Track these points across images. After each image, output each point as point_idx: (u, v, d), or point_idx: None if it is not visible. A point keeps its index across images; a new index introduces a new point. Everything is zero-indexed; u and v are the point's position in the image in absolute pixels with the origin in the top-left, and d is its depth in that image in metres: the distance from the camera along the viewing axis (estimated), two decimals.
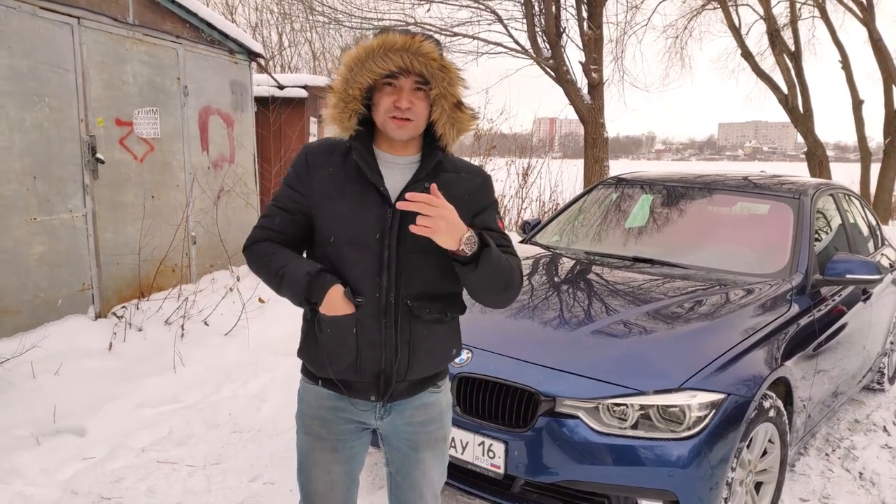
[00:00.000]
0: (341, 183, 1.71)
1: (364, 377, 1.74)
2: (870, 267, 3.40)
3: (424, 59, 1.61)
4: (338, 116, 1.68)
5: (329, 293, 1.66)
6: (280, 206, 1.77)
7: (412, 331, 1.73)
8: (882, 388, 4.71)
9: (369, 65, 1.62)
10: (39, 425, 3.52)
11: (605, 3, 11.17)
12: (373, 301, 1.69)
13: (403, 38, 1.60)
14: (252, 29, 13.34)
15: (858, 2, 14.99)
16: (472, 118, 1.73)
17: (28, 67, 4.34)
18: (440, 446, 1.90)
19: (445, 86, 1.65)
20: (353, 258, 1.69)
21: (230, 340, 4.97)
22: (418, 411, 1.82)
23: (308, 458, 1.86)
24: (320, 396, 1.81)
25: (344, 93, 1.66)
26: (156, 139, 5.51)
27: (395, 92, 1.65)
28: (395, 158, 1.74)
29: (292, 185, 1.77)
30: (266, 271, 1.73)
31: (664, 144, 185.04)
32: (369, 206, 1.69)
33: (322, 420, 1.81)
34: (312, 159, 1.75)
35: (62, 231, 4.63)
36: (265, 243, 1.77)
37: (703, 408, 2.45)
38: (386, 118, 1.66)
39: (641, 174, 4.77)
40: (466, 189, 1.76)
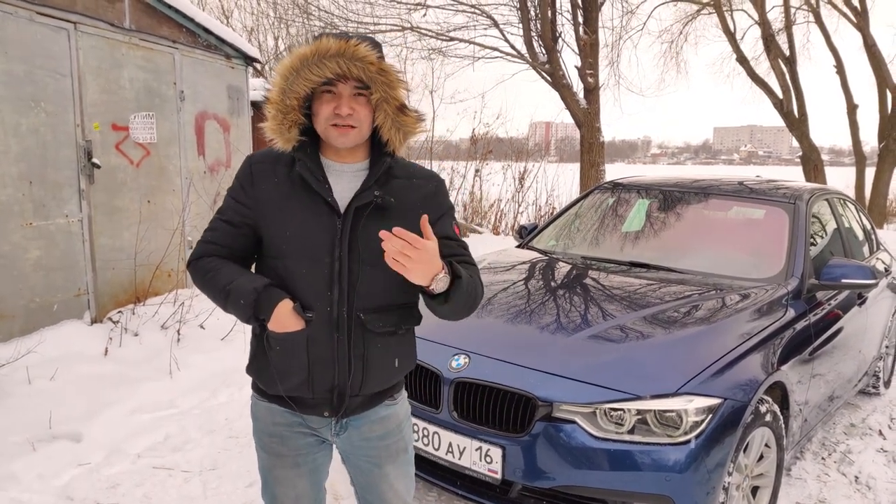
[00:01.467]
0: (287, 194, 1.65)
1: (317, 393, 1.68)
2: (865, 271, 3.41)
3: (362, 64, 1.56)
4: (277, 129, 1.62)
5: (277, 309, 1.60)
6: (225, 220, 1.71)
7: (366, 345, 1.67)
8: (877, 391, 4.73)
9: (304, 73, 1.56)
10: (35, 431, 3.51)
11: (601, 8, 11.23)
12: (324, 315, 1.63)
13: (338, 42, 1.55)
14: (248, 33, 13.35)
15: (853, 7, 15.09)
16: (418, 120, 1.67)
17: (24, 72, 4.33)
18: (402, 458, 1.85)
19: (386, 89, 1.60)
20: (301, 271, 1.63)
21: (226, 345, 4.96)
22: (375, 426, 1.78)
23: (270, 475, 1.82)
24: (273, 413, 1.75)
25: (281, 104, 1.60)
26: (152, 144, 5.50)
27: (334, 99, 1.60)
28: (343, 166, 1.68)
29: (237, 198, 1.70)
30: (211, 288, 1.67)
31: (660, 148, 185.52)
32: (317, 217, 1.63)
33: (279, 437, 1.76)
34: (257, 169, 1.69)
35: (58, 236, 4.62)
36: (210, 258, 1.70)
37: (699, 412, 2.45)
38: (327, 126, 1.61)
39: (637, 179, 4.79)
40: (420, 195, 1.72)
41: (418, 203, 1.70)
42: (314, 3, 11.41)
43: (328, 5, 11.36)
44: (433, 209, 1.72)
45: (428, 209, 1.68)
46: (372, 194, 1.63)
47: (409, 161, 1.80)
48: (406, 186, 1.71)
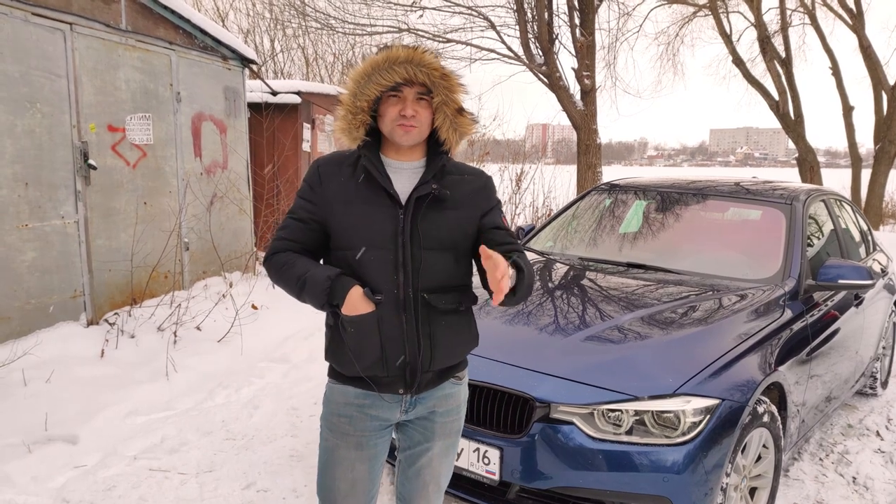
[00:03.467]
0: (353, 189, 1.81)
1: (391, 371, 1.81)
2: (862, 272, 3.42)
3: (427, 70, 1.74)
4: (346, 128, 1.79)
5: (350, 294, 1.75)
6: (296, 218, 1.87)
7: (431, 322, 1.82)
8: (875, 392, 4.73)
9: (376, 78, 1.73)
10: (31, 433, 3.49)
11: (598, 10, 11.23)
12: (391, 297, 1.78)
13: (407, 51, 1.73)
14: (244, 35, 13.33)
15: (848, 9, 15.12)
16: (473, 122, 1.84)
17: (20, 73, 4.32)
18: (453, 439, 1.99)
19: (447, 93, 1.77)
20: (369, 259, 1.79)
21: (223, 347, 4.94)
22: (440, 402, 1.92)
23: (332, 455, 1.91)
24: (348, 395, 1.88)
25: (352, 105, 1.77)
26: (148, 145, 5.49)
27: (399, 102, 1.76)
28: (402, 164, 1.85)
29: (306, 197, 1.86)
30: (287, 280, 1.82)
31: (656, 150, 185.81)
32: (381, 209, 1.79)
33: (349, 417, 1.88)
34: (324, 170, 1.85)
35: (54, 237, 4.61)
36: (284, 254, 1.85)
37: (697, 413, 2.45)
38: (393, 126, 1.77)
39: (634, 180, 4.79)
40: (471, 189, 1.89)
41: (470, 196, 1.88)
42: (310, 5, 11.40)
43: (325, 7, 11.36)
44: (484, 202, 1.91)
45: (479, 201, 1.89)
46: (430, 187, 1.80)
47: (459, 161, 1.96)
48: (459, 181, 1.88)
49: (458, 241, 1.86)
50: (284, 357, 4.95)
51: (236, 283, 6.15)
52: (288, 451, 3.57)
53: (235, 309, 5.22)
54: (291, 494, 3.16)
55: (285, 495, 3.15)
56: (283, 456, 3.52)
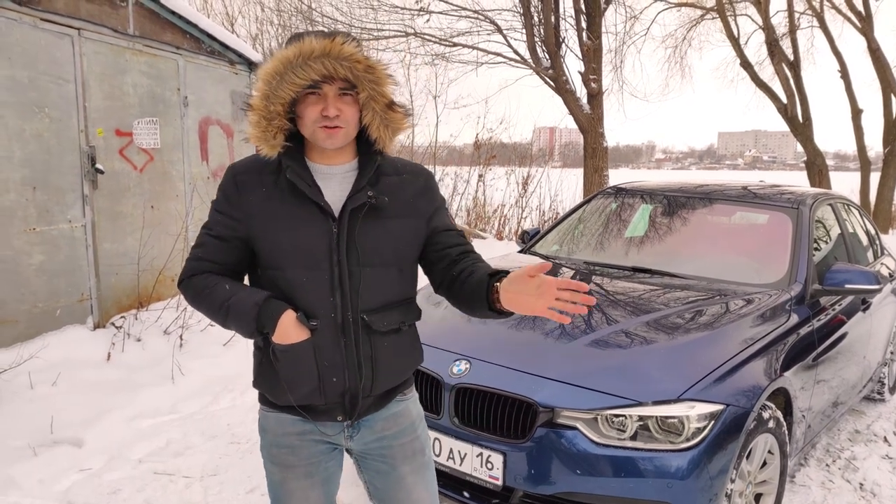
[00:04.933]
0: (277, 202, 1.61)
1: (329, 399, 1.65)
2: (869, 277, 3.39)
3: (348, 63, 1.52)
4: (262, 136, 1.57)
5: (281, 320, 1.56)
6: (213, 235, 1.65)
7: (373, 345, 1.66)
8: (882, 398, 4.70)
9: (289, 77, 1.51)
10: (37, 436, 3.51)
11: (604, 14, 11.23)
12: (328, 322, 1.60)
13: (322, 42, 1.50)
14: (252, 40, 13.39)
15: (857, 11, 15.06)
16: (406, 115, 1.64)
17: (28, 78, 4.35)
18: (419, 460, 1.80)
19: (374, 87, 1.56)
20: (302, 279, 1.60)
21: (228, 350, 4.96)
22: (388, 423, 1.75)
23: (281, 489, 1.74)
24: (284, 423, 1.71)
25: (265, 110, 1.55)
26: (155, 149, 5.52)
27: (319, 101, 1.55)
28: (332, 169, 1.65)
29: (223, 211, 1.65)
30: (208, 306, 1.62)
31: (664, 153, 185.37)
32: (312, 223, 1.59)
33: (290, 447, 1.71)
34: (242, 179, 1.63)
35: (61, 241, 4.63)
36: (202, 276, 1.64)
37: (702, 419, 2.44)
38: (314, 128, 1.57)
39: (640, 184, 4.77)
40: (412, 191, 1.71)
41: (411, 200, 1.70)
42: (318, 10, 11.45)
43: (332, 11, 11.40)
44: (427, 205, 1.72)
45: (422, 206, 1.71)
46: (365, 195, 1.61)
47: (393, 156, 1.74)
48: (397, 183, 1.69)
49: (401, 253, 1.67)
50: None
51: None
52: None
53: None
54: None
55: None
56: None
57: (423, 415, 1.88)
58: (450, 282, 1.72)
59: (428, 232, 1.72)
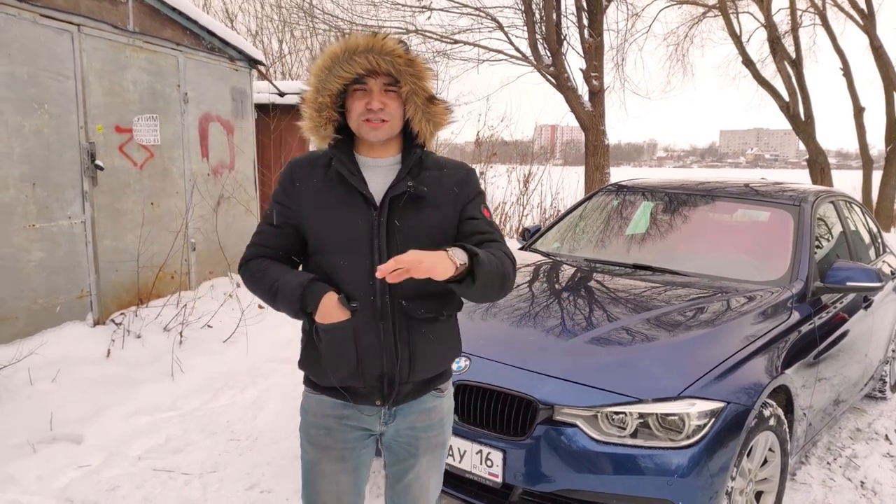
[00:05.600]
0: (326, 192, 1.73)
1: (367, 382, 1.73)
2: (870, 274, 3.38)
3: (390, 58, 1.62)
4: (313, 127, 1.71)
5: (323, 301, 1.66)
6: (270, 223, 1.79)
7: (410, 331, 1.73)
8: (884, 396, 4.68)
9: (336, 70, 1.63)
10: (36, 433, 3.50)
11: (606, 11, 11.21)
12: (368, 305, 1.69)
13: (366, 38, 1.62)
14: (252, 36, 13.37)
15: (859, 9, 15.02)
16: (447, 111, 1.74)
17: (28, 74, 4.34)
18: (438, 452, 1.91)
19: (415, 81, 1.66)
20: (344, 264, 1.70)
21: (229, 347, 4.95)
22: (421, 416, 1.83)
23: (314, 469, 1.84)
24: (325, 405, 1.80)
25: (315, 102, 1.68)
26: (156, 146, 5.51)
27: (365, 95, 1.66)
28: (377, 161, 1.75)
29: (280, 201, 1.78)
30: (260, 288, 1.75)
31: (666, 151, 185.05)
32: (355, 211, 1.70)
33: (328, 429, 1.80)
34: (297, 173, 1.77)
35: (61, 237, 4.63)
36: (258, 260, 1.78)
37: (702, 416, 2.43)
38: (360, 122, 1.68)
39: (641, 181, 4.76)
40: (451, 183, 1.78)
41: (449, 191, 1.77)
42: (318, 6, 11.43)
43: (333, 8, 11.38)
44: (463, 194, 1.79)
45: (459, 195, 1.78)
46: (405, 185, 1.70)
47: (440, 155, 1.85)
48: (437, 177, 1.77)
49: (438, 242, 1.68)
50: (289, 358, 4.94)
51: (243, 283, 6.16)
52: (292, 453, 3.57)
53: (241, 309, 5.22)
54: (295, 495, 3.15)
55: (289, 496, 3.15)
56: (287, 457, 3.52)
57: (453, 407, 1.97)
58: None
59: (459, 219, 1.78)
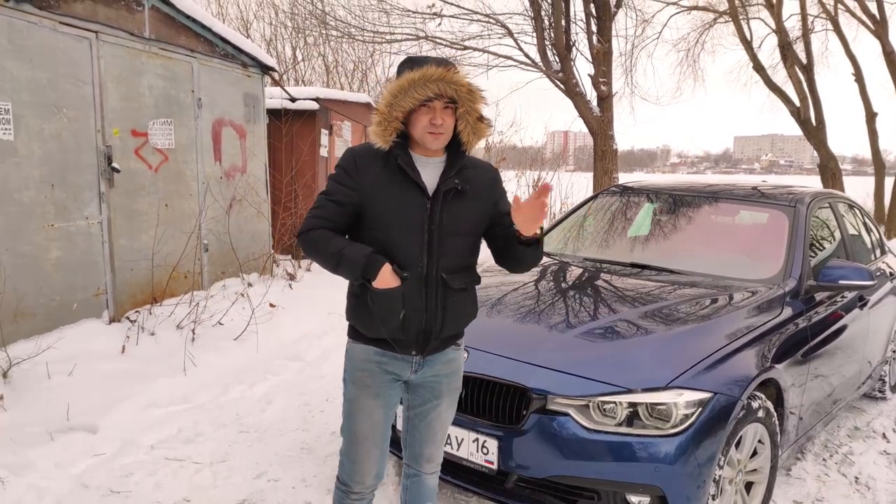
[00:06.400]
0: (388, 180, 2.09)
1: (408, 336, 2.13)
2: (863, 273, 3.45)
3: (456, 86, 2.01)
4: (381, 133, 2.06)
5: (381, 271, 2.03)
6: (332, 199, 2.12)
7: (446, 297, 2.14)
8: (883, 396, 4.73)
9: (411, 93, 2.00)
10: (53, 423, 3.64)
11: (615, 17, 11.29)
12: (416, 275, 2.09)
13: (440, 70, 2.00)
14: (266, 43, 13.58)
15: (871, 15, 14.99)
16: (489, 126, 2.15)
17: (48, 80, 4.51)
18: (454, 395, 2.34)
19: (470, 104, 2.06)
20: (400, 240, 2.09)
21: (239, 345, 5.08)
22: (444, 366, 2.26)
23: (355, 404, 2.22)
24: (369, 353, 2.19)
25: (388, 114, 2.04)
26: (170, 149, 5.67)
27: (430, 111, 2.03)
28: (428, 160, 2.15)
29: (342, 181, 2.12)
30: (323, 254, 2.08)
31: (679, 158, 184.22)
32: (413, 198, 2.09)
33: (369, 372, 2.20)
34: (361, 160, 2.12)
35: (78, 237, 4.78)
36: (319, 230, 2.11)
37: (689, 406, 2.52)
38: (424, 133, 2.06)
39: (643, 182, 4.85)
40: (485, 181, 2.23)
41: (485, 187, 2.21)
42: (331, 14, 11.60)
43: (345, 15, 11.55)
44: (495, 192, 2.26)
45: (492, 192, 2.24)
46: (453, 181, 2.12)
47: (473, 157, 2.26)
48: (474, 175, 2.19)
49: (474, 228, 2.20)
50: (298, 355, 5.07)
51: (254, 284, 6.29)
52: (299, 444, 3.69)
53: (252, 308, 5.36)
54: (301, 484, 3.27)
55: (295, 485, 3.26)
56: (295, 448, 3.63)
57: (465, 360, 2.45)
58: (504, 250, 2.23)
59: (494, 213, 2.23)
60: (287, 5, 12.84)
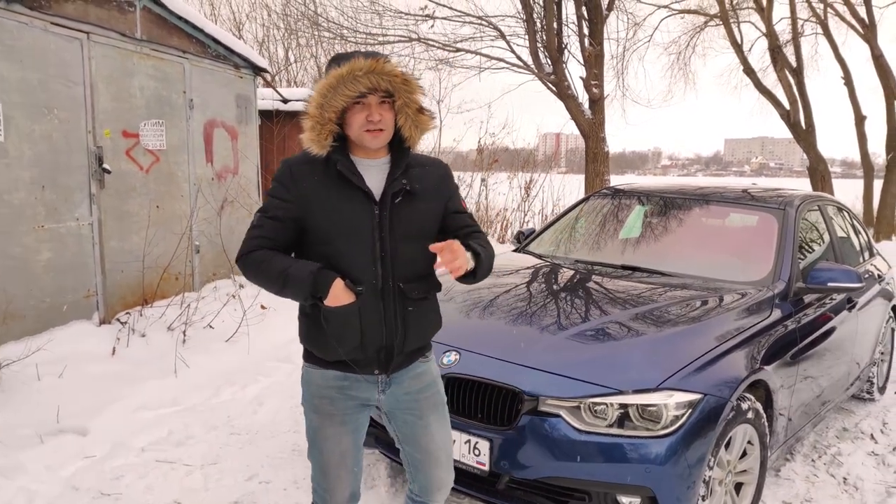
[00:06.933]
0: (329, 188, 1.93)
1: (368, 354, 1.98)
2: (851, 275, 3.48)
3: (388, 77, 1.85)
4: (315, 138, 1.89)
5: (333, 287, 1.87)
6: (270, 216, 1.96)
7: (406, 309, 1.99)
8: (872, 397, 4.77)
9: (341, 90, 1.83)
10: (43, 425, 3.63)
11: (606, 20, 11.34)
12: (370, 287, 1.93)
13: (368, 62, 1.83)
14: (259, 44, 13.56)
15: (860, 19, 15.13)
16: (431, 118, 1.99)
17: (38, 80, 4.49)
18: (441, 409, 2.16)
19: (408, 96, 1.90)
20: (349, 252, 1.92)
21: (230, 346, 5.07)
22: (414, 381, 2.09)
23: (319, 434, 2.07)
24: (327, 378, 2.03)
25: (320, 117, 1.87)
26: (161, 150, 5.65)
27: (365, 108, 1.87)
28: (371, 162, 1.99)
29: (278, 196, 1.95)
30: (266, 276, 1.91)
31: (670, 160, 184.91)
32: (358, 205, 1.93)
33: (330, 399, 2.03)
34: (297, 170, 1.95)
35: (69, 239, 4.77)
36: (260, 251, 1.94)
37: (679, 407, 2.53)
38: (361, 132, 1.90)
39: (635, 185, 4.88)
40: (435, 179, 2.07)
41: (434, 186, 2.05)
42: (323, 15, 11.60)
43: (337, 17, 11.55)
44: (446, 189, 2.09)
45: (442, 190, 2.07)
46: (401, 183, 1.95)
47: (418, 154, 2.10)
48: (423, 173, 2.03)
49: (427, 230, 2.03)
50: (289, 357, 5.06)
51: (246, 285, 6.28)
52: (290, 446, 3.68)
53: (243, 310, 5.35)
54: (292, 486, 3.27)
55: (286, 486, 3.26)
56: (286, 450, 3.63)
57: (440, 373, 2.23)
58: None
59: (445, 213, 2.07)
60: (279, 6, 12.83)
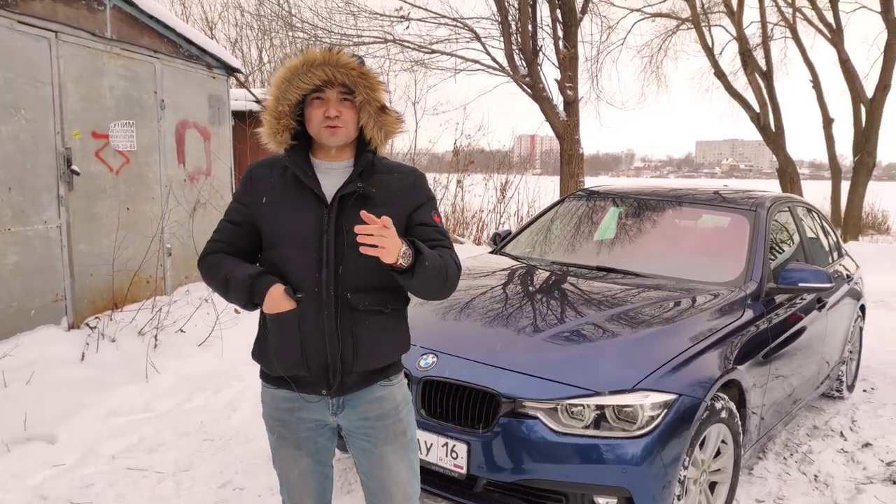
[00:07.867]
0: (280, 190, 1.86)
1: (312, 371, 1.83)
2: (821, 276, 3.53)
3: (345, 70, 1.77)
4: (271, 133, 1.83)
5: (270, 292, 1.79)
6: (229, 220, 1.93)
7: (354, 322, 1.83)
8: (841, 395, 4.85)
9: (295, 82, 1.78)
10: (10, 433, 3.54)
11: (581, 23, 11.43)
12: (312, 295, 1.80)
13: (323, 52, 1.77)
14: (231, 44, 13.43)
15: (828, 24, 15.45)
16: (398, 120, 1.88)
17: (4, 80, 4.38)
18: (401, 440, 1.95)
19: (368, 92, 1.80)
20: (293, 256, 1.82)
21: (203, 351, 5.00)
22: (372, 405, 1.90)
23: (276, 454, 2.00)
24: (277, 398, 1.93)
25: (275, 110, 1.81)
26: (132, 152, 5.56)
27: (323, 104, 1.80)
28: (332, 164, 1.88)
29: (239, 199, 1.93)
30: (214, 279, 1.87)
31: (643, 162, 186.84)
32: (307, 207, 1.82)
33: (281, 420, 1.93)
34: (256, 174, 1.92)
35: (36, 242, 4.66)
36: (215, 255, 1.90)
37: (655, 407, 2.55)
38: (319, 128, 1.81)
39: (610, 187, 4.91)
40: (400, 186, 1.90)
41: (398, 193, 1.88)
42: (297, 16, 11.53)
43: (311, 18, 11.49)
44: (413, 199, 1.90)
45: (408, 199, 1.89)
46: (355, 185, 1.82)
47: (391, 161, 1.98)
48: (387, 180, 1.88)
49: None
50: None
51: None
52: (265, 452, 3.62)
53: (216, 314, 5.28)
54: (267, 492, 3.23)
55: (261, 493, 3.22)
56: (260, 456, 3.58)
57: (410, 398, 2.03)
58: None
59: (408, 224, 1.88)
60: (253, 7, 12.72)
